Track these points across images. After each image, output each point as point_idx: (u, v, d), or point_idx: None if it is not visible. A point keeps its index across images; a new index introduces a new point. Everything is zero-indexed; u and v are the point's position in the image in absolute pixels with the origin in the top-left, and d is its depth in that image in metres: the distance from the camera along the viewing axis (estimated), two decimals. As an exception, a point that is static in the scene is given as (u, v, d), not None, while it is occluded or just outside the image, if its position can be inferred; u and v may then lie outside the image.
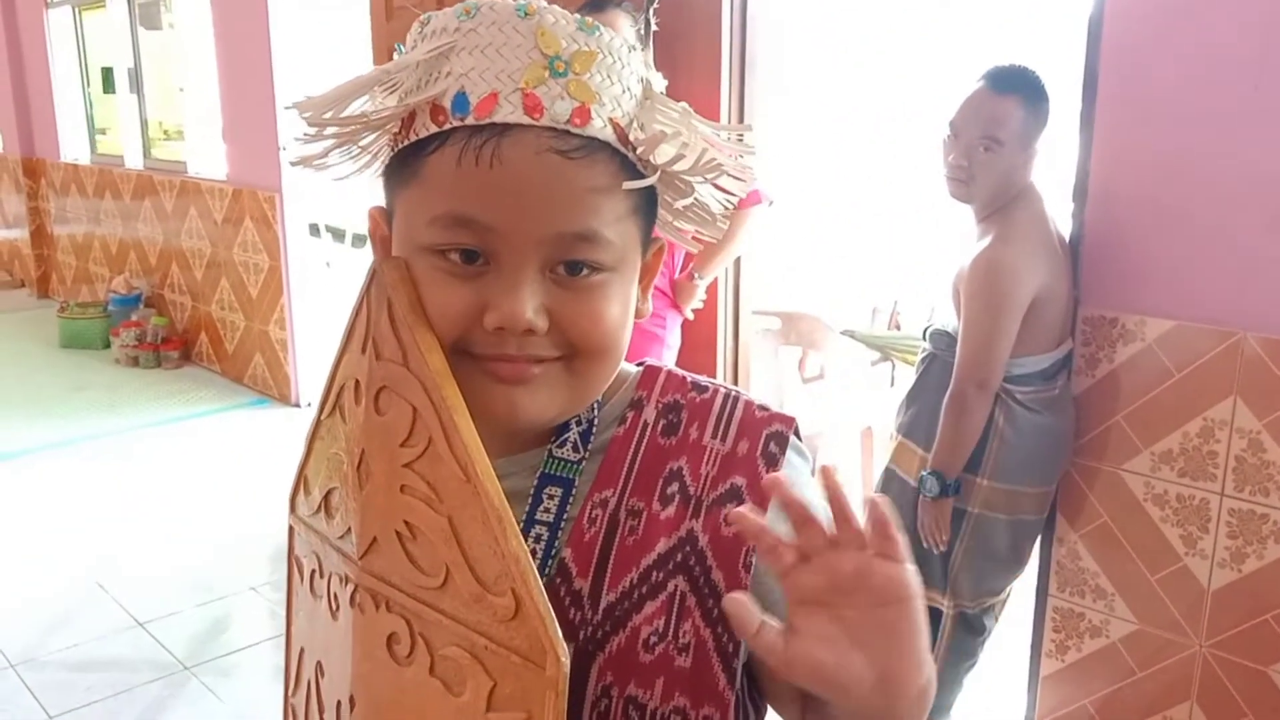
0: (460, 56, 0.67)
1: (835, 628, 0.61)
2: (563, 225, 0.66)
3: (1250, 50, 2.03)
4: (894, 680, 0.62)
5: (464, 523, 0.65)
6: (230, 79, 5.07)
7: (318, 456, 0.77)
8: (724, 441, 0.76)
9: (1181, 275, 2.18)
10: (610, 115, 0.68)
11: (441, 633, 0.67)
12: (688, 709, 0.75)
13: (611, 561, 0.74)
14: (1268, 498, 2.11)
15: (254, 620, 3.03)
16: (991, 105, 2.14)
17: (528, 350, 0.68)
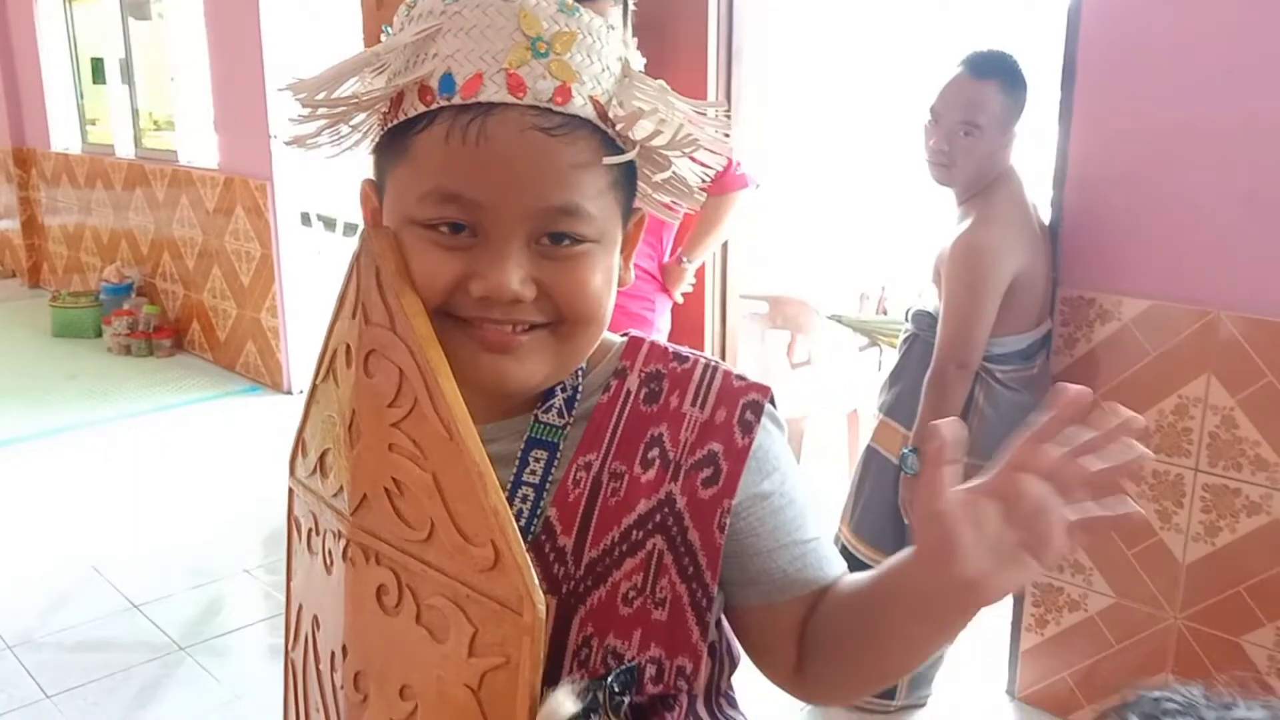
0: (446, 39, 0.70)
1: (994, 523, 0.62)
2: (546, 199, 0.70)
3: (1225, 36, 2.07)
4: (974, 596, 0.63)
5: (447, 479, 0.69)
6: (221, 68, 5.08)
7: (314, 420, 0.81)
8: (703, 409, 0.80)
9: (1157, 256, 2.22)
10: (590, 93, 0.71)
11: (427, 583, 0.71)
12: (663, 659, 0.79)
13: (594, 521, 0.78)
14: (1240, 472, 2.16)
15: (248, 602, 3.07)
16: (971, 91, 2.18)
17: (514, 316, 0.72)
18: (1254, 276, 2.09)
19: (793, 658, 0.83)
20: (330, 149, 0.78)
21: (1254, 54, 2.03)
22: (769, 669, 0.85)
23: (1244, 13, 2.04)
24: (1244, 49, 2.05)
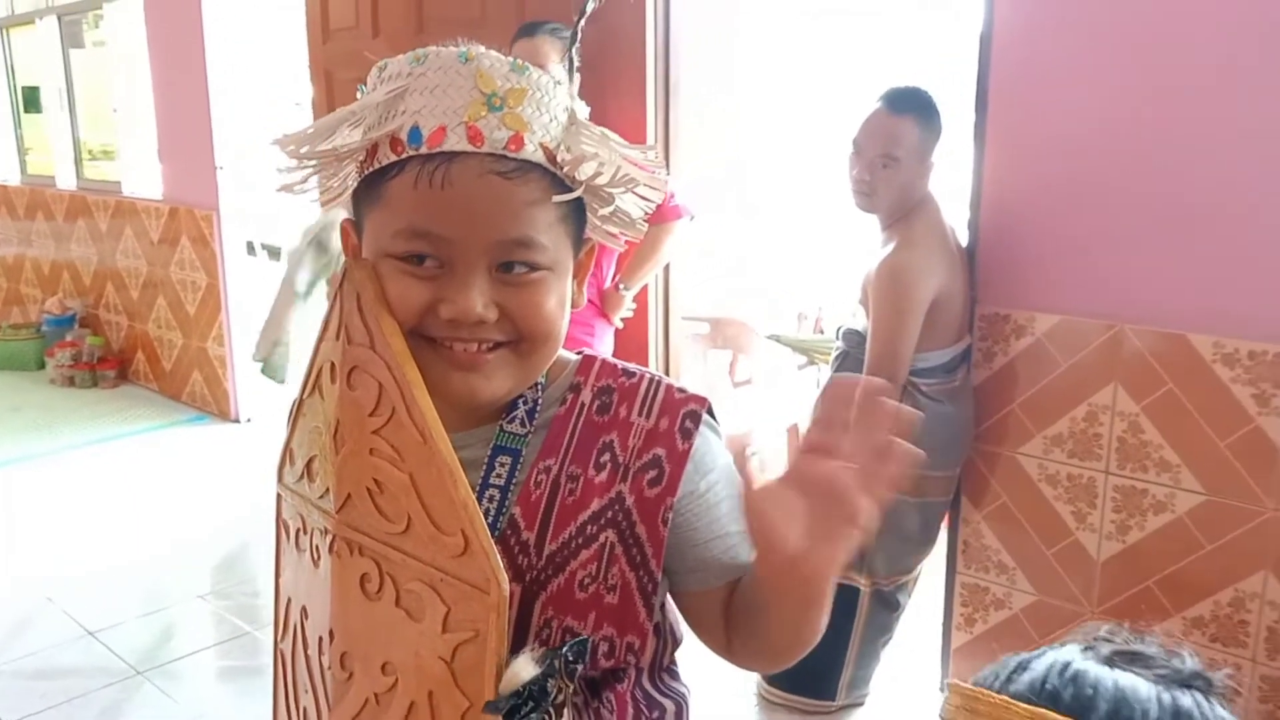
0: (413, 97, 0.82)
1: (800, 506, 0.75)
2: (504, 233, 0.82)
3: (1128, 64, 2.25)
4: (802, 569, 0.76)
5: (422, 478, 0.80)
6: (165, 98, 5.12)
7: (300, 431, 0.91)
8: (648, 419, 0.92)
9: (1067, 274, 2.39)
10: (540, 140, 0.83)
11: (405, 570, 0.81)
12: (614, 637, 0.90)
13: (553, 517, 0.89)
14: (1146, 474, 2.33)
15: (202, 626, 3.11)
16: (889, 125, 2.33)
17: (479, 335, 0.83)
18: (1155, 292, 2.27)
19: (726, 633, 0.94)
20: (319, 195, 0.88)
21: (1156, 80, 2.22)
22: (709, 643, 0.97)
23: (1145, 41, 2.22)
24: (1146, 76, 2.23)
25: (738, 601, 0.93)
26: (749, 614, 0.92)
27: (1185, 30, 2.16)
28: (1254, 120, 2.10)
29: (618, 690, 0.93)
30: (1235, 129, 2.12)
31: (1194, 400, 2.24)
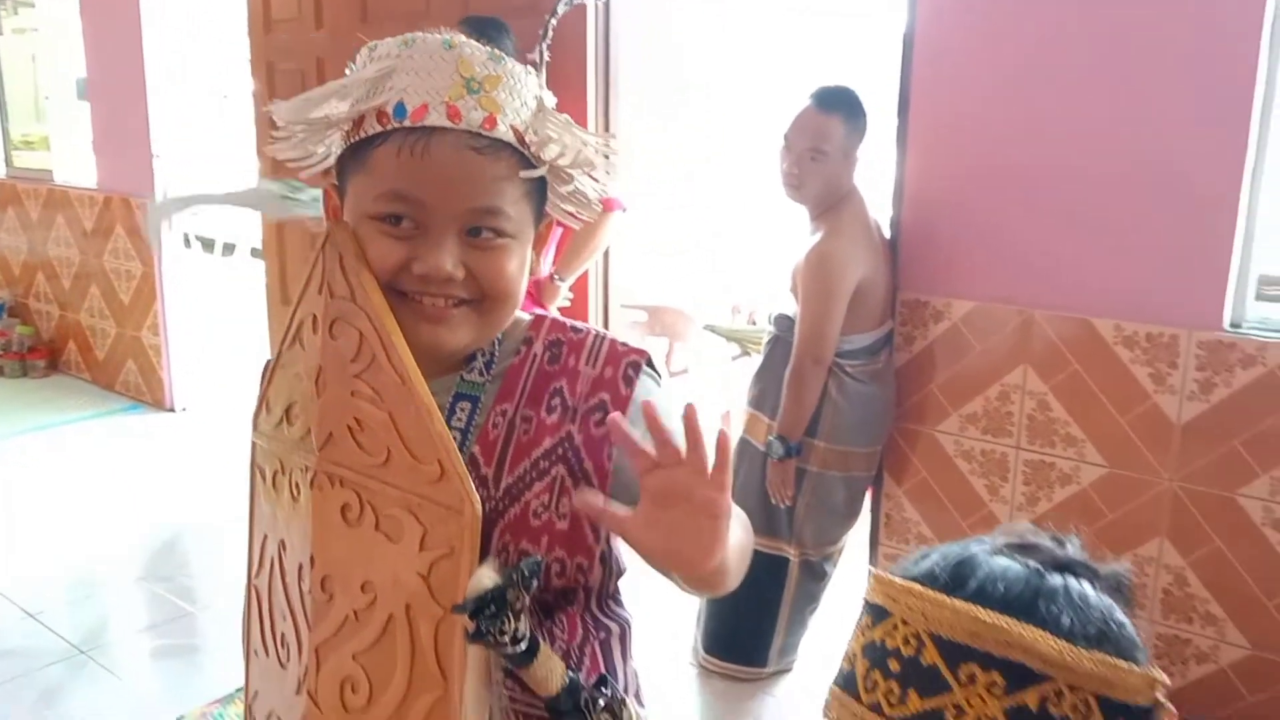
0: (400, 76, 0.91)
1: (660, 517, 0.85)
2: (475, 201, 0.92)
3: (1036, 72, 2.42)
4: (683, 560, 0.87)
5: (401, 415, 0.90)
6: (100, 86, 5.07)
7: (278, 381, 1.00)
8: (594, 367, 1.02)
9: (982, 263, 2.56)
10: (511, 123, 0.93)
11: (384, 498, 0.91)
12: (565, 559, 1.01)
13: (509, 455, 0.99)
14: (1054, 449, 2.50)
15: (143, 608, 3.14)
16: (817, 121, 2.48)
17: (447, 292, 0.93)
18: (1061, 279, 2.44)
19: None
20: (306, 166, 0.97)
21: (1060, 86, 2.39)
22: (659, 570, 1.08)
23: (1052, 49, 2.39)
24: (1052, 82, 2.40)
25: None
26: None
27: (1087, 40, 2.33)
28: (1148, 123, 2.28)
29: (569, 612, 1.04)
30: (1132, 131, 2.30)
31: (1097, 380, 2.42)
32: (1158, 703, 0.65)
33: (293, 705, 1.01)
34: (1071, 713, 0.63)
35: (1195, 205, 2.26)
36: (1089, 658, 0.63)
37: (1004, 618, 0.64)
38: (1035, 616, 0.65)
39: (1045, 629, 0.64)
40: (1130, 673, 0.64)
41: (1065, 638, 0.64)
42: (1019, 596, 0.66)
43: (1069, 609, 0.66)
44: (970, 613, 0.65)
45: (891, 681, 0.66)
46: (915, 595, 0.67)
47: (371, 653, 0.93)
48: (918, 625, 0.66)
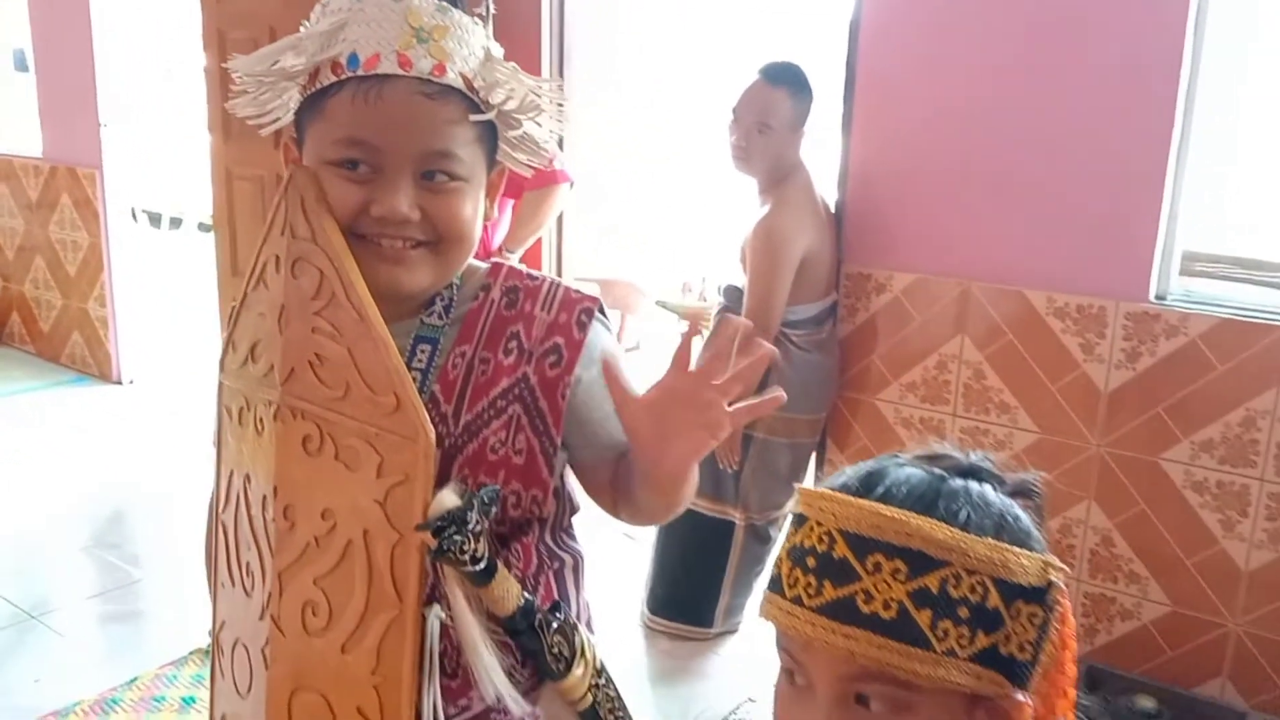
0: (352, 28, 0.96)
1: (663, 409, 0.93)
2: (427, 145, 0.97)
3: (973, 56, 2.50)
4: (664, 451, 0.94)
5: (359, 350, 0.95)
6: (46, 53, 4.99)
7: (243, 322, 1.04)
8: (549, 313, 1.08)
9: (922, 238, 2.65)
10: (460, 70, 0.98)
11: (343, 429, 0.96)
12: (521, 490, 1.07)
13: (468, 394, 1.05)
14: (988, 415, 2.60)
15: (92, 574, 3.14)
16: (764, 95, 2.55)
17: (404, 233, 0.98)
18: (997, 253, 2.54)
19: (612, 497, 1.12)
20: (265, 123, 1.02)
21: (996, 71, 2.48)
22: (599, 503, 1.14)
23: (989, 37, 2.48)
24: (989, 67, 2.49)
25: (620, 474, 1.11)
26: (629, 486, 1.10)
27: (1023, 29, 2.42)
28: (1080, 107, 2.38)
29: (524, 542, 1.09)
30: (1065, 114, 2.40)
31: (1030, 349, 2.52)
32: (1051, 584, 0.72)
33: (257, 630, 1.06)
34: (970, 593, 0.70)
35: (1124, 184, 2.36)
36: (982, 543, 0.70)
37: (904, 511, 0.71)
38: (935, 512, 0.72)
39: (944, 522, 0.71)
40: (1023, 557, 0.71)
41: (962, 529, 0.71)
42: (921, 496, 0.73)
43: (968, 506, 0.73)
44: (874, 509, 0.71)
45: (810, 576, 0.73)
46: (828, 499, 0.74)
47: (331, 577, 0.98)
48: (830, 524, 0.73)
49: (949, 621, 0.70)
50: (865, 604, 0.70)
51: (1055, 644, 0.74)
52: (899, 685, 0.71)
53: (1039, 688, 0.74)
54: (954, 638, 0.70)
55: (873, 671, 0.71)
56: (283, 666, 1.03)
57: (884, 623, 0.70)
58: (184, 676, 2.63)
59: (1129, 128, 2.34)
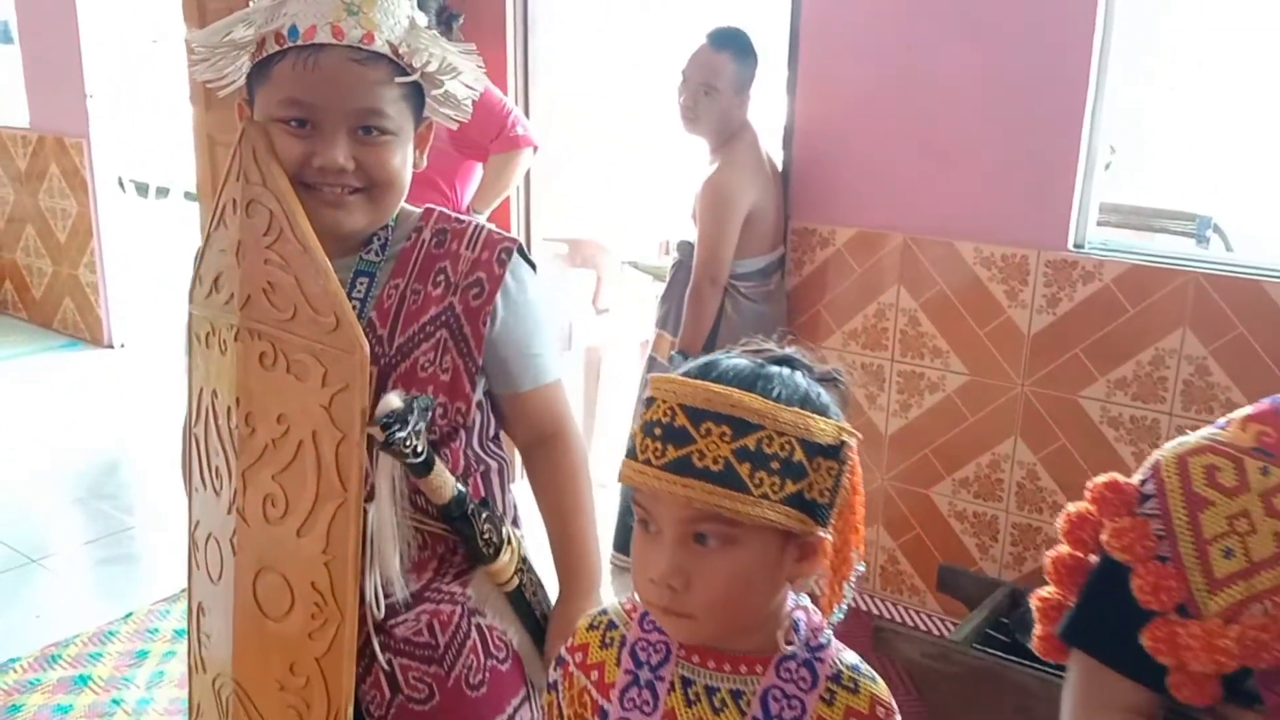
0: (293, 3, 1.12)
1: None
2: (359, 103, 1.13)
3: (909, 22, 2.66)
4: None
5: (304, 277, 1.12)
6: (30, 23, 5.11)
7: (208, 259, 1.21)
8: (473, 251, 1.25)
9: (862, 193, 2.81)
10: (387, 38, 1.14)
11: (293, 345, 1.13)
12: (447, 403, 1.24)
13: (400, 320, 1.22)
14: (923, 360, 2.78)
15: (88, 522, 3.33)
16: (710, 59, 2.70)
17: (342, 181, 1.15)
18: (929, 207, 2.71)
19: (520, 440, 1.32)
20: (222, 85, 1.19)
21: (929, 35, 2.63)
22: (513, 440, 1.33)
23: (923, 7, 2.63)
24: (925, 34, 2.64)
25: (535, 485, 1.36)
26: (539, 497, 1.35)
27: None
28: (1004, 69, 2.54)
29: (452, 448, 1.27)
30: (991, 76, 2.56)
31: (959, 297, 2.70)
32: (844, 443, 0.90)
33: (225, 524, 1.24)
34: (780, 451, 0.87)
35: (1045, 142, 2.53)
36: (790, 412, 0.88)
37: (728, 387, 0.89)
38: (754, 389, 0.89)
39: (760, 396, 0.89)
40: (822, 422, 0.89)
41: (774, 401, 0.89)
42: (744, 378, 0.91)
43: (779, 384, 0.91)
44: (706, 387, 0.89)
45: (657, 442, 0.90)
46: (672, 381, 0.92)
47: (287, 473, 1.16)
48: (672, 400, 0.90)
49: (764, 472, 0.87)
50: (699, 461, 0.88)
51: (847, 490, 0.92)
52: (727, 523, 0.88)
53: (836, 525, 0.92)
54: (768, 485, 0.87)
55: (706, 513, 0.88)
56: (248, 553, 1.21)
57: (713, 474, 0.87)
58: (176, 611, 2.82)
59: (1049, 92, 2.49)
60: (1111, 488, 0.99)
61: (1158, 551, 0.93)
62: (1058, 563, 1.05)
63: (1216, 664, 0.86)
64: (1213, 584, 0.89)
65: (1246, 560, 0.88)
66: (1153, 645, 0.90)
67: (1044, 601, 1.06)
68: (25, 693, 2.46)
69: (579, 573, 1.33)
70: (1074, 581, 1.02)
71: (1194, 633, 0.87)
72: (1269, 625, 0.84)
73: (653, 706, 0.97)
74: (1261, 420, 0.95)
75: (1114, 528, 0.96)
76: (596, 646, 1.03)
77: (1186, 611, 0.90)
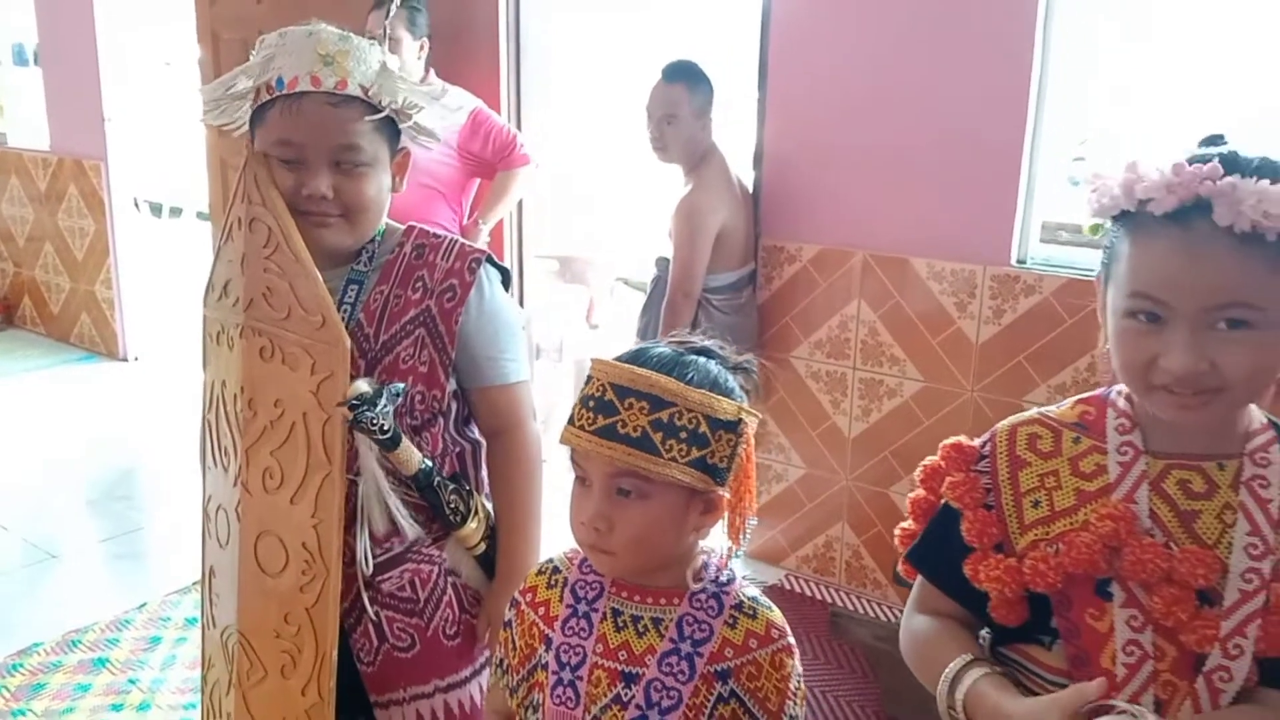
0: (279, 58, 1.35)
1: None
2: (336, 140, 1.35)
3: (873, 49, 2.88)
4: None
5: (296, 283, 1.33)
6: (51, 49, 5.35)
7: (218, 268, 1.43)
8: (448, 262, 1.46)
9: (826, 214, 3.03)
10: (359, 82, 1.36)
11: (287, 340, 1.35)
12: (425, 391, 1.45)
13: (385, 320, 1.43)
14: (882, 367, 2.99)
15: (104, 522, 3.54)
16: (666, 92, 2.93)
17: (322, 208, 1.37)
18: (886, 226, 2.92)
19: (481, 430, 1.54)
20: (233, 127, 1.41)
21: (890, 70, 2.85)
22: (479, 430, 1.54)
23: (881, 41, 2.85)
24: (883, 66, 2.86)
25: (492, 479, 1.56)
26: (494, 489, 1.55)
27: (910, 31, 2.80)
28: (954, 100, 2.76)
29: (432, 431, 1.47)
30: (942, 106, 2.78)
31: (914, 309, 2.90)
32: (742, 420, 1.10)
33: (232, 495, 1.45)
34: (689, 424, 1.07)
35: (990, 167, 2.74)
36: (698, 393, 1.08)
37: (651, 371, 1.09)
38: (671, 373, 1.10)
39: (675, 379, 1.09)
40: (725, 402, 1.09)
41: (686, 384, 1.09)
42: (665, 363, 1.11)
43: (693, 370, 1.11)
44: (631, 369, 1.09)
45: (590, 412, 1.10)
46: (605, 363, 1.12)
47: (282, 449, 1.37)
48: (604, 379, 1.10)
49: (674, 440, 1.07)
50: (622, 428, 1.08)
51: (743, 458, 1.12)
52: (643, 479, 1.08)
53: (732, 486, 1.12)
54: (677, 450, 1.07)
55: (626, 470, 1.08)
56: (250, 519, 1.42)
57: (633, 439, 1.07)
58: (187, 602, 3.02)
59: (993, 122, 2.71)
60: (956, 448, 1.19)
61: (985, 501, 1.13)
62: (915, 503, 1.25)
63: (1013, 587, 1.06)
64: (1023, 528, 1.09)
65: (1050, 509, 1.08)
66: (971, 573, 1.10)
67: (904, 532, 1.26)
68: (48, 673, 2.66)
69: (512, 561, 1.51)
70: (926, 518, 1.23)
71: (999, 563, 1.08)
72: (1049, 559, 1.05)
73: (588, 632, 1.17)
74: (1088, 402, 1.15)
75: (951, 481, 1.16)
76: (543, 587, 1.23)
77: (1003, 549, 1.10)
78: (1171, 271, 0.97)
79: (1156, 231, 0.99)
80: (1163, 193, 0.98)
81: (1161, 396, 1.00)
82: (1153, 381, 1.00)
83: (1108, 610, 1.03)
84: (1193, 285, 0.96)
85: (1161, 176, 0.98)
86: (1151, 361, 0.99)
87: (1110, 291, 1.04)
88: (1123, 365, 1.03)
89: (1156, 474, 1.05)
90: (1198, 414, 1.00)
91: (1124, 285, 1.01)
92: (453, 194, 3.39)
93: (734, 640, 1.13)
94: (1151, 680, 1.01)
